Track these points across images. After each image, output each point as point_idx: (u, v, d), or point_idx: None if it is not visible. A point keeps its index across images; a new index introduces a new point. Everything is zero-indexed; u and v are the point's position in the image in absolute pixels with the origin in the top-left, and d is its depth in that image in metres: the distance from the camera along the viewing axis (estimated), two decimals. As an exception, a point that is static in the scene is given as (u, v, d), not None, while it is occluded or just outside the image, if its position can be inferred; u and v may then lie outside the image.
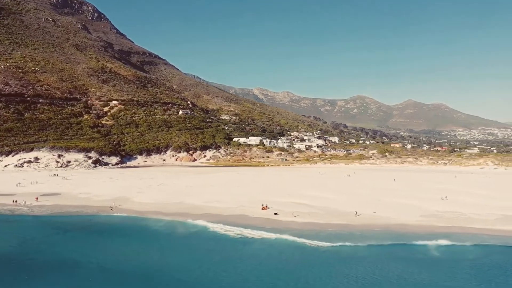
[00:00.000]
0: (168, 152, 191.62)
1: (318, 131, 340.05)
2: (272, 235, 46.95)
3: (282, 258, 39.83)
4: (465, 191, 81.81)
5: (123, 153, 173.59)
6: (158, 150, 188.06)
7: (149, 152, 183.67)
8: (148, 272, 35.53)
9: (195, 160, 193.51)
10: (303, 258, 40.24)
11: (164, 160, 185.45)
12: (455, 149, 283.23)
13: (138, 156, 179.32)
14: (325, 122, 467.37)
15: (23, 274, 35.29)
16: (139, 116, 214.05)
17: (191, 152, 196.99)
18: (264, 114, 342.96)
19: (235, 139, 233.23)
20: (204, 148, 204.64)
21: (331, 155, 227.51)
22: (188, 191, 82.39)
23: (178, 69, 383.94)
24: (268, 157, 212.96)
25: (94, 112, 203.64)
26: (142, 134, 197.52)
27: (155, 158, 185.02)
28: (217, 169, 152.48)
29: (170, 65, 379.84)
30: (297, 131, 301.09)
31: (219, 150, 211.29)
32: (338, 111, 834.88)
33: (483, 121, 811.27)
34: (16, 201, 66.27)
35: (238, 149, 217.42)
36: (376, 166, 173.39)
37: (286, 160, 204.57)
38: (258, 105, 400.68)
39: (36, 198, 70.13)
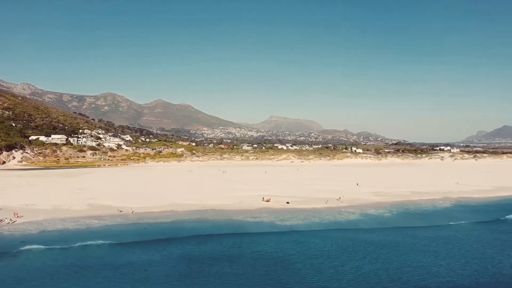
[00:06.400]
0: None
1: (99, 129, 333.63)
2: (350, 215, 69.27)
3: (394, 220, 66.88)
4: (350, 179, 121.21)
5: None
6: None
7: None
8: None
9: (4, 162, 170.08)
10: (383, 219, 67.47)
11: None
12: (235, 146, 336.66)
13: None
14: (94, 120, 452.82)
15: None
16: None
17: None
18: (38, 109, 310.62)
19: (33, 138, 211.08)
20: (9, 148, 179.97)
21: (144, 153, 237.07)
22: (152, 192, 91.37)
23: None
24: (84, 156, 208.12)
25: None
26: None
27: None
28: (66, 172, 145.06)
29: None
30: (89, 129, 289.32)
31: (26, 151, 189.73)
32: (87, 107, 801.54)
33: (222, 121, 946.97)
34: None
35: (46, 149, 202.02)
36: (211, 163, 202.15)
37: (107, 159, 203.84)
38: (20, 98, 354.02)
39: (16, 214, 64.41)
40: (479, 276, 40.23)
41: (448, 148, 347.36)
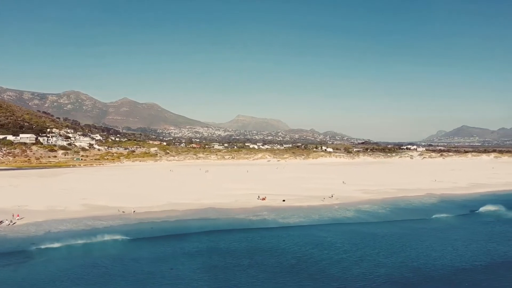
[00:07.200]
0: None
1: (67, 129, 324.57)
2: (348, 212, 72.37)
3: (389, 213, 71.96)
4: (333, 177, 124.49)
5: None
6: None
7: None
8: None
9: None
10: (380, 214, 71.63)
11: None
12: (206, 146, 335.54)
13: None
14: (59, 118, 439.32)
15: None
16: None
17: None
18: (1, 107, 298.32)
19: (0, 137, 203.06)
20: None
21: (117, 153, 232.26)
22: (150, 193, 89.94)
23: None
24: (55, 156, 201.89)
25: None
26: None
27: None
28: (42, 172, 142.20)
29: None
30: (56, 129, 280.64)
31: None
32: (50, 106, 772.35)
33: (189, 120, 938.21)
34: None
35: (15, 148, 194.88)
36: (188, 162, 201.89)
37: (80, 159, 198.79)
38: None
39: (18, 215, 61.91)
40: (489, 264, 43.32)
41: (415, 147, 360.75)
